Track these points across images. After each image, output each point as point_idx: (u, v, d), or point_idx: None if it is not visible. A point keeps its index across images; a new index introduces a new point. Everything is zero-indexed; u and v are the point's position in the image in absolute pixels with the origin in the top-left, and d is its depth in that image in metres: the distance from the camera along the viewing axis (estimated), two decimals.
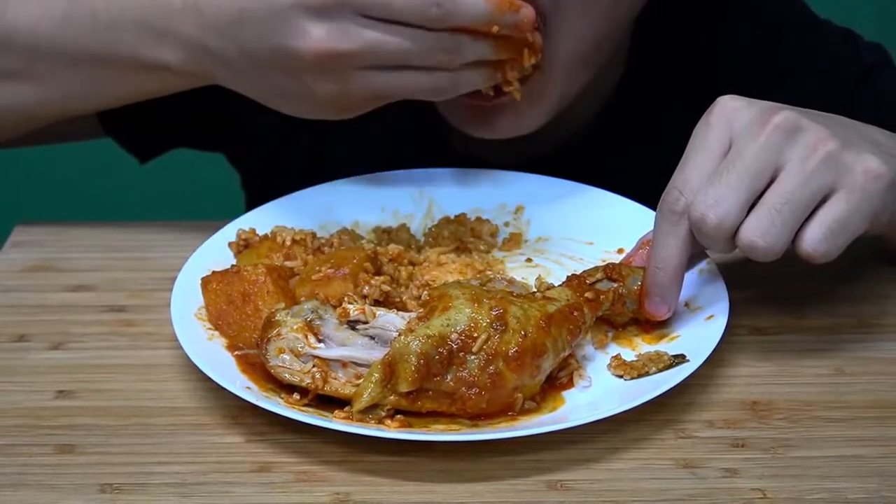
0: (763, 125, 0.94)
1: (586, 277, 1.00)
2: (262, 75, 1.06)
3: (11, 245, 1.18)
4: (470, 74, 1.06)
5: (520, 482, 0.89)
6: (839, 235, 0.94)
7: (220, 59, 1.07)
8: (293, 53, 1.02)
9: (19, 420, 0.95)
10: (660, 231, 0.98)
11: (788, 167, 0.93)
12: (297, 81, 1.04)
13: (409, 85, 1.04)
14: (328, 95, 1.04)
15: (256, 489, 0.88)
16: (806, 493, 0.87)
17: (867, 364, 1.01)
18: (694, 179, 0.95)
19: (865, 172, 0.93)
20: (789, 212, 0.93)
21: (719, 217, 0.93)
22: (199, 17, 1.06)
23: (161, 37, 1.08)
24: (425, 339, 0.90)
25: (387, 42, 1.01)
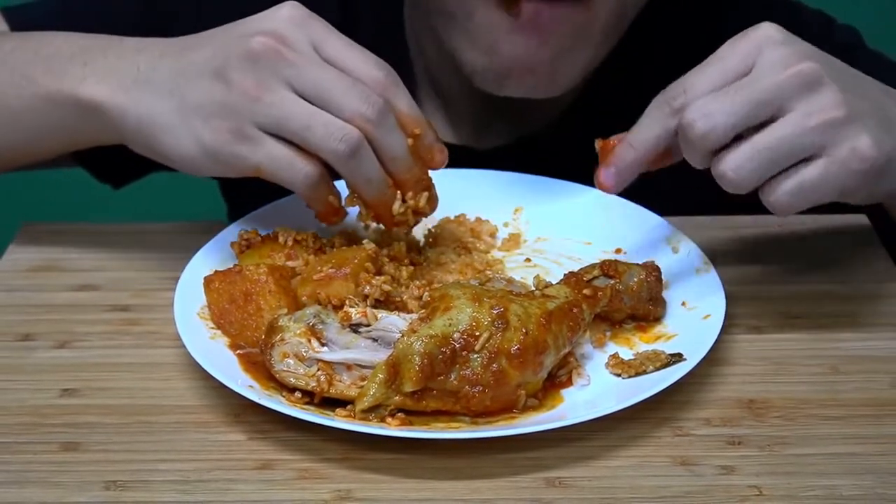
0: (788, 66, 0.94)
1: (583, 275, 1.00)
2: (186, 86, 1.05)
3: (17, 245, 1.19)
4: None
5: (519, 479, 0.89)
6: (804, 198, 0.95)
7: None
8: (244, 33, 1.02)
9: (24, 418, 0.95)
10: (649, 115, 0.99)
11: (789, 116, 0.94)
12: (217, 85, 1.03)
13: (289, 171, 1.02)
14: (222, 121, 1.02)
15: (258, 486, 0.88)
16: (801, 491, 0.88)
17: (862, 363, 1.01)
18: (700, 84, 0.96)
19: (853, 150, 0.94)
20: (769, 158, 0.94)
21: (706, 129, 0.94)
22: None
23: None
24: (428, 339, 0.91)
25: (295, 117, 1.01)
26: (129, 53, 1.09)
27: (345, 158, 1.00)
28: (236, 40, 1.02)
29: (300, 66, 1.01)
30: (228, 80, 1.01)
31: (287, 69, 1.00)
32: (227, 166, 1.03)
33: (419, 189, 1.06)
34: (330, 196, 1.05)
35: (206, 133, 1.02)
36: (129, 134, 1.07)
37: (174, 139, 1.04)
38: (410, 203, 1.06)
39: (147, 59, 1.07)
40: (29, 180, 1.28)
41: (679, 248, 1.10)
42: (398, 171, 1.04)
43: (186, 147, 1.03)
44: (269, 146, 1.01)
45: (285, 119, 1.00)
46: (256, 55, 1.01)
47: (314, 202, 1.05)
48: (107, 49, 1.10)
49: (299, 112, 1.00)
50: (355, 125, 1.00)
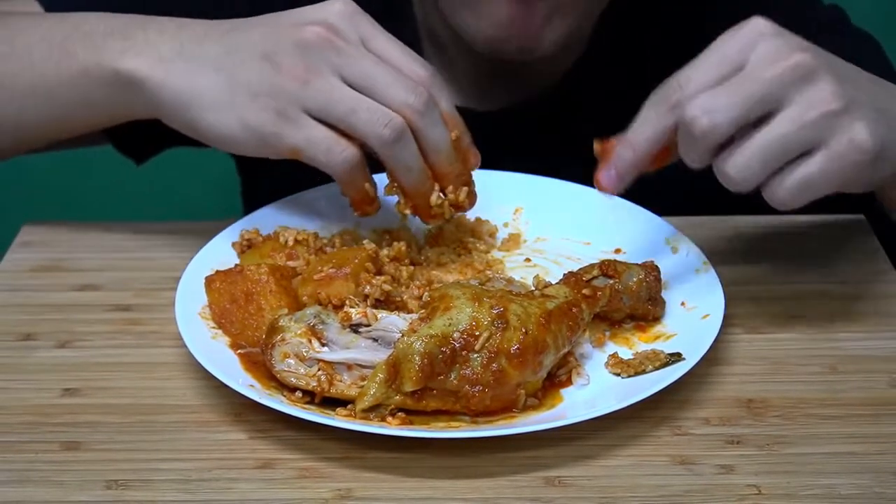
0: (782, 59, 0.94)
1: (583, 275, 1.01)
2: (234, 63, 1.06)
3: (18, 245, 1.19)
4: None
5: (519, 478, 0.89)
6: (805, 192, 0.95)
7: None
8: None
9: (26, 417, 0.95)
10: (645, 114, 0.99)
11: (787, 111, 0.94)
12: (262, 65, 1.04)
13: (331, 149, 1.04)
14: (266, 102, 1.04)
15: (259, 485, 0.89)
16: (800, 490, 0.88)
17: (860, 362, 1.02)
18: (696, 80, 0.96)
19: (850, 142, 0.94)
20: (771, 155, 0.94)
21: (709, 125, 0.93)
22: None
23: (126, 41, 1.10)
24: (428, 339, 0.91)
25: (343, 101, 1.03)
26: (172, 30, 1.09)
27: (389, 143, 1.02)
28: (287, 28, 1.05)
29: (350, 55, 1.03)
30: (277, 63, 1.03)
31: (337, 58, 1.03)
32: (266, 145, 1.05)
33: (459, 184, 1.08)
34: (366, 183, 1.06)
35: (250, 111, 1.04)
36: (166, 107, 1.08)
37: (216, 115, 1.05)
38: (450, 197, 1.08)
39: (191, 36, 1.08)
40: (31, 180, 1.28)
41: (678, 248, 1.10)
42: (440, 164, 1.06)
43: (228, 123, 1.05)
44: (311, 128, 1.03)
45: (332, 103, 1.02)
46: (307, 43, 1.03)
47: (350, 188, 1.06)
48: (147, 25, 1.10)
49: (346, 97, 1.03)
50: (401, 114, 1.02)
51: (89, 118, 1.15)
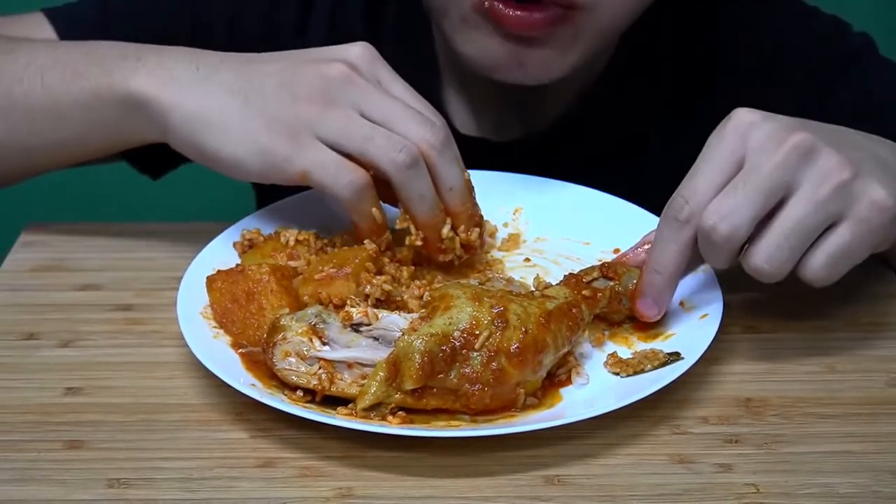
0: (780, 143, 0.94)
1: (583, 276, 1.01)
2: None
3: (21, 245, 1.19)
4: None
5: (518, 477, 0.90)
6: (840, 264, 0.96)
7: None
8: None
9: (28, 416, 0.96)
10: (661, 236, 0.99)
11: (800, 192, 0.94)
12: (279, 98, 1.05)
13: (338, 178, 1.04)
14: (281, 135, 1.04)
15: (260, 484, 0.89)
16: (798, 488, 0.89)
17: (858, 362, 1.02)
18: (701, 190, 0.96)
19: (872, 204, 0.94)
20: (797, 239, 0.94)
21: (730, 229, 0.94)
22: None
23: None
24: (429, 338, 0.91)
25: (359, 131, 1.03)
26: (187, 56, 1.09)
27: (403, 168, 1.02)
28: (308, 62, 1.05)
29: (369, 92, 1.04)
30: (295, 92, 1.04)
31: (356, 93, 1.04)
32: (275, 169, 1.04)
33: (471, 224, 1.08)
34: (374, 209, 1.05)
35: (262, 135, 1.04)
36: (176, 130, 1.07)
37: (226, 138, 1.05)
38: (462, 236, 1.08)
39: (207, 62, 1.08)
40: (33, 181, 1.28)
41: None
42: (453, 203, 1.06)
43: (237, 147, 1.05)
44: (321, 152, 1.03)
45: (348, 130, 1.03)
46: (327, 76, 1.04)
47: (357, 214, 1.05)
48: (161, 50, 1.11)
49: (363, 125, 1.03)
50: (418, 147, 1.03)
51: (99, 142, 1.15)
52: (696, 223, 0.96)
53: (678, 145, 1.02)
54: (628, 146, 1.33)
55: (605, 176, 1.20)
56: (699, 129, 1.00)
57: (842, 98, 1.28)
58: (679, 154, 1.01)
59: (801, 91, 1.29)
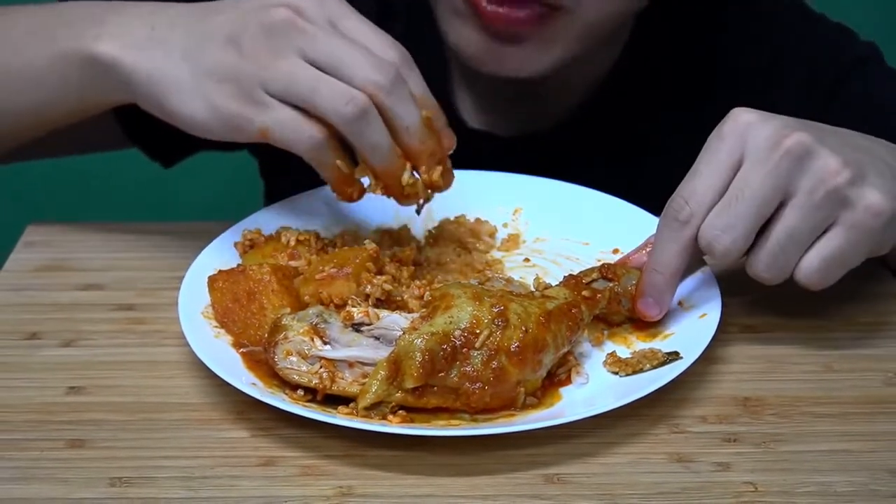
0: (775, 148, 0.95)
1: (583, 277, 1.02)
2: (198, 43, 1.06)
3: (23, 245, 1.19)
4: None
5: (518, 476, 0.90)
6: (834, 268, 0.96)
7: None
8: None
9: (31, 415, 0.96)
10: (661, 236, 0.99)
11: (795, 200, 0.95)
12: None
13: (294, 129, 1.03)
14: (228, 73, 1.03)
15: (261, 482, 0.89)
16: (796, 487, 0.89)
17: (855, 361, 1.02)
18: (700, 192, 0.97)
19: (867, 209, 0.94)
20: (792, 246, 0.95)
21: (728, 244, 0.95)
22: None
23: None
24: (429, 337, 0.92)
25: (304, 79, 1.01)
26: (145, 14, 1.09)
27: (351, 120, 1.00)
28: (254, 11, 1.03)
29: (314, 36, 1.01)
30: (241, 46, 1.02)
31: (300, 39, 1.01)
32: (234, 129, 1.04)
33: (433, 163, 1.06)
34: (338, 161, 1.04)
35: (215, 96, 1.03)
36: (139, 92, 1.07)
37: (183, 100, 1.05)
38: (424, 177, 1.06)
39: (162, 19, 1.08)
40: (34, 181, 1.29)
41: None
42: (410, 142, 1.03)
43: (196, 108, 1.04)
44: (276, 110, 1.01)
45: (293, 83, 1.01)
46: (272, 24, 1.02)
47: (322, 167, 1.04)
48: (122, 10, 1.11)
49: (308, 76, 1.01)
50: (366, 92, 1.00)
51: (74, 103, 1.15)
52: (695, 224, 0.97)
53: (681, 146, 1.02)
54: (632, 145, 1.33)
55: (610, 174, 1.21)
56: (701, 130, 1.00)
57: (844, 104, 1.28)
58: (681, 155, 1.02)
59: (803, 96, 1.30)
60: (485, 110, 1.34)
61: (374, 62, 1.01)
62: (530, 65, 1.18)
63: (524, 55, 1.17)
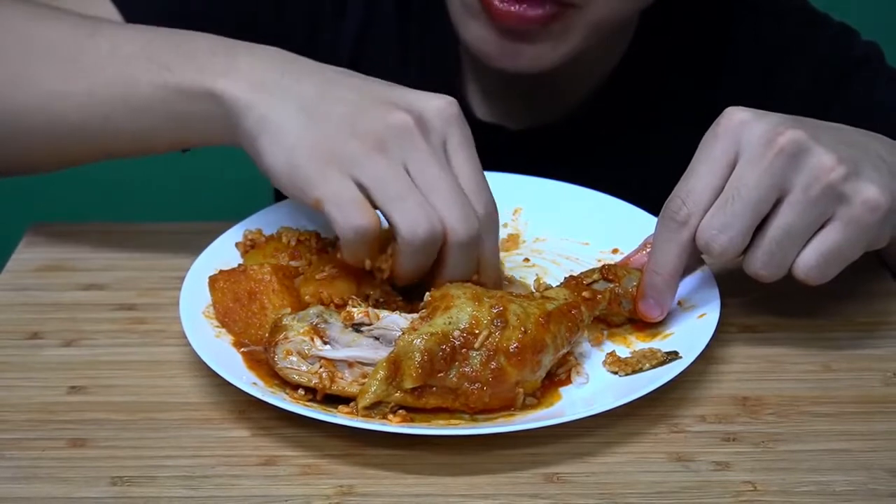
0: (769, 146, 0.95)
1: (583, 279, 1.02)
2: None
3: (25, 245, 1.19)
4: None
5: (518, 475, 0.90)
6: (832, 263, 0.96)
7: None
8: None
9: (33, 415, 0.96)
10: (660, 237, 0.99)
11: (790, 197, 0.95)
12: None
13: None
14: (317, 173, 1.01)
15: (262, 482, 0.90)
16: (795, 486, 0.89)
17: (853, 361, 1.03)
18: (697, 191, 0.97)
19: (864, 203, 0.94)
20: (789, 243, 0.95)
21: (725, 244, 0.96)
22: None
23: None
24: (429, 337, 0.92)
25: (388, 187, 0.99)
26: (277, 59, 1.08)
27: (415, 244, 0.98)
28: (378, 104, 1.02)
29: (424, 154, 1.00)
30: (355, 129, 1.00)
31: (409, 150, 1.00)
32: (295, 188, 1.01)
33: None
34: (367, 259, 1.02)
35: (303, 154, 1.01)
36: (243, 130, 1.05)
37: (274, 146, 1.02)
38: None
39: (292, 70, 1.06)
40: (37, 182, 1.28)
41: None
42: (446, 279, 1.02)
43: (279, 157, 1.02)
44: (342, 186, 0.99)
45: (386, 181, 0.99)
46: (388, 124, 1.00)
47: (350, 254, 1.01)
48: (254, 50, 1.09)
49: (403, 184, 0.99)
50: (444, 232, 0.99)
51: (169, 137, 1.13)
52: (693, 223, 0.97)
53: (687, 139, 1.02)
54: (640, 138, 1.34)
55: (618, 165, 1.22)
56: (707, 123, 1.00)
57: (846, 104, 1.28)
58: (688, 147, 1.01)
59: (806, 96, 1.30)
60: (494, 103, 1.35)
61: (464, 213, 1.00)
62: (541, 61, 1.19)
63: (535, 51, 1.18)
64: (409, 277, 1.03)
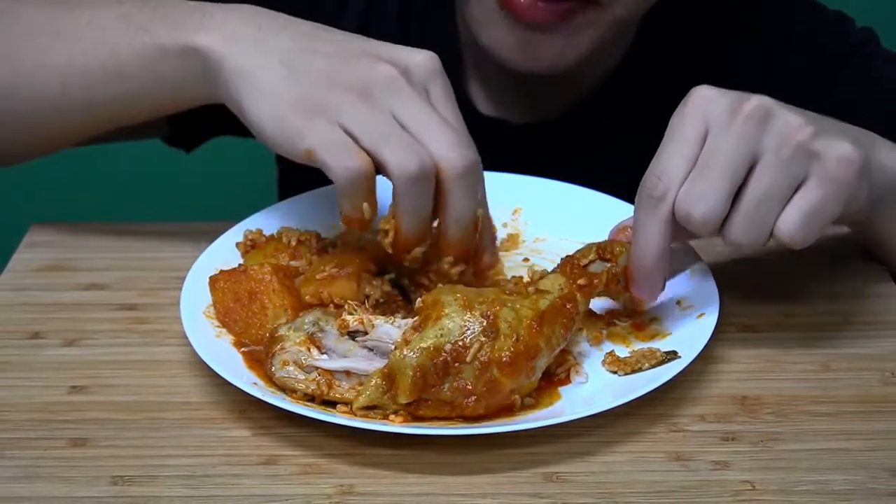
0: (735, 114, 0.94)
1: (579, 259, 1.00)
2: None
3: (26, 245, 1.20)
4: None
5: (518, 474, 0.90)
6: (815, 222, 0.95)
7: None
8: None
9: (34, 414, 0.97)
10: (640, 218, 0.98)
11: (764, 159, 0.94)
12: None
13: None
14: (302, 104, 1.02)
15: (263, 481, 0.90)
16: (793, 485, 0.89)
17: (852, 360, 1.03)
18: (671, 167, 0.96)
19: (838, 159, 0.94)
20: (766, 208, 0.94)
21: (704, 213, 0.94)
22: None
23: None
24: (420, 353, 0.91)
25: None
26: (254, 14, 1.08)
27: (407, 177, 0.98)
28: (364, 56, 1.03)
29: (410, 99, 1.01)
30: (337, 79, 1.02)
31: (396, 98, 1.01)
32: (286, 142, 1.02)
33: (459, 259, 1.05)
34: (364, 203, 1.01)
35: (288, 106, 1.01)
36: (222, 81, 1.05)
37: (259, 101, 1.03)
38: (444, 267, 1.05)
39: (270, 23, 1.07)
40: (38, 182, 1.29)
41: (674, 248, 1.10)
42: (451, 234, 1.03)
43: (263, 110, 1.03)
44: (332, 132, 1.00)
45: (370, 124, 1.00)
46: (373, 75, 1.01)
47: (347, 201, 1.01)
48: (228, 9, 1.09)
49: (387, 124, 1.00)
50: (438, 166, 1.00)
51: (156, 98, 1.13)
52: (671, 197, 0.95)
53: None
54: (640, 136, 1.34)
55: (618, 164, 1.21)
56: None
57: (846, 89, 1.29)
58: None
59: (805, 85, 1.31)
60: (496, 98, 1.35)
61: (458, 141, 1.00)
62: (561, 59, 1.20)
63: (555, 50, 1.19)
64: (412, 236, 1.02)
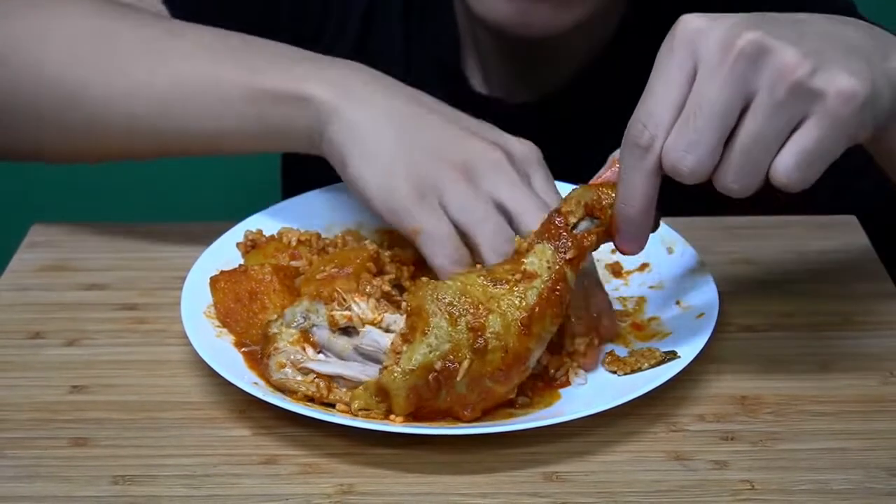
0: (726, 52, 0.87)
1: (567, 216, 0.95)
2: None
3: (27, 245, 1.20)
4: None
5: (517, 474, 0.90)
6: (814, 163, 0.88)
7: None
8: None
9: (34, 414, 0.97)
10: (625, 166, 0.92)
11: (756, 102, 0.87)
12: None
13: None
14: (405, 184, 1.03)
15: (263, 481, 0.90)
16: (793, 485, 0.89)
17: (852, 360, 1.02)
18: (658, 112, 0.89)
19: (838, 95, 0.86)
20: (759, 152, 0.88)
21: (693, 164, 0.88)
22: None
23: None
24: (410, 375, 0.91)
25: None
26: (361, 71, 1.09)
27: (500, 259, 1.00)
28: (471, 137, 1.05)
29: (513, 183, 1.02)
30: (446, 155, 1.03)
31: (500, 181, 1.02)
32: (392, 214, 1.03)
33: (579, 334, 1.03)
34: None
35: (399, 178, 1.03)
36: (330, 135, 1.05)
37: (368, 163, 1.04)
38: (566, 349, 1.03)
39: (378, 84, 1.08)
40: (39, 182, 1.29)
41: (674, 248, 1.11)
42: None
43: (373, 177, 1.03)
44: (440, 221, 1.02)
45: (468, 206, 1.01)
46: (482, 157, 1.03)
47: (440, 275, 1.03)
48: (340, 62, 1.10)
49: (485, 208, 1.01)
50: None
51: (249, 138, 1.12)
52: (658, 146, 0.90)
53: None
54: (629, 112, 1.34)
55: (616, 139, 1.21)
56: None
57: None
58: None
59: None
60: (492, 76, 1.35)
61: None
62: (553, 23, 1.20)
63: (548, 15, 1.19)
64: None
